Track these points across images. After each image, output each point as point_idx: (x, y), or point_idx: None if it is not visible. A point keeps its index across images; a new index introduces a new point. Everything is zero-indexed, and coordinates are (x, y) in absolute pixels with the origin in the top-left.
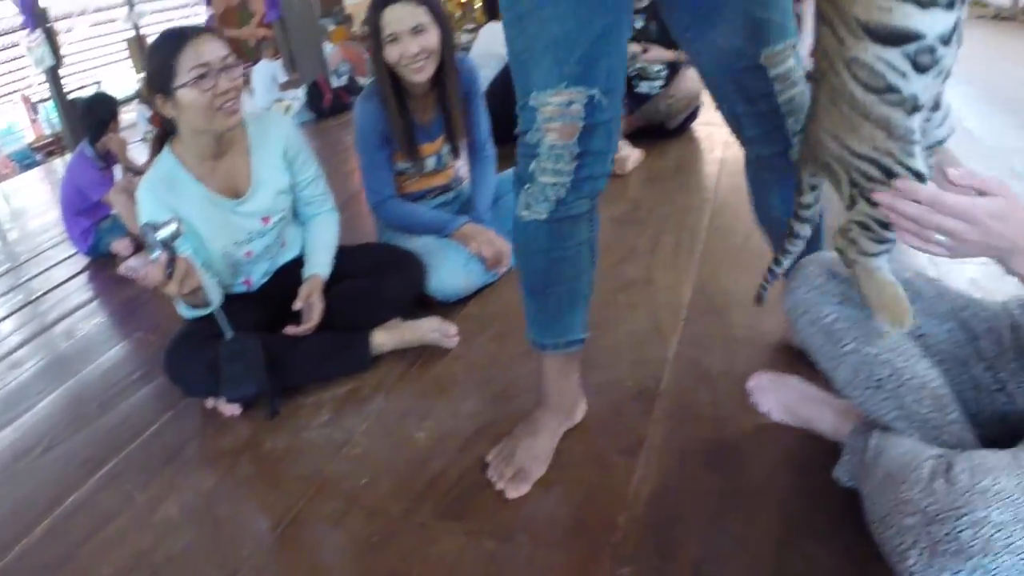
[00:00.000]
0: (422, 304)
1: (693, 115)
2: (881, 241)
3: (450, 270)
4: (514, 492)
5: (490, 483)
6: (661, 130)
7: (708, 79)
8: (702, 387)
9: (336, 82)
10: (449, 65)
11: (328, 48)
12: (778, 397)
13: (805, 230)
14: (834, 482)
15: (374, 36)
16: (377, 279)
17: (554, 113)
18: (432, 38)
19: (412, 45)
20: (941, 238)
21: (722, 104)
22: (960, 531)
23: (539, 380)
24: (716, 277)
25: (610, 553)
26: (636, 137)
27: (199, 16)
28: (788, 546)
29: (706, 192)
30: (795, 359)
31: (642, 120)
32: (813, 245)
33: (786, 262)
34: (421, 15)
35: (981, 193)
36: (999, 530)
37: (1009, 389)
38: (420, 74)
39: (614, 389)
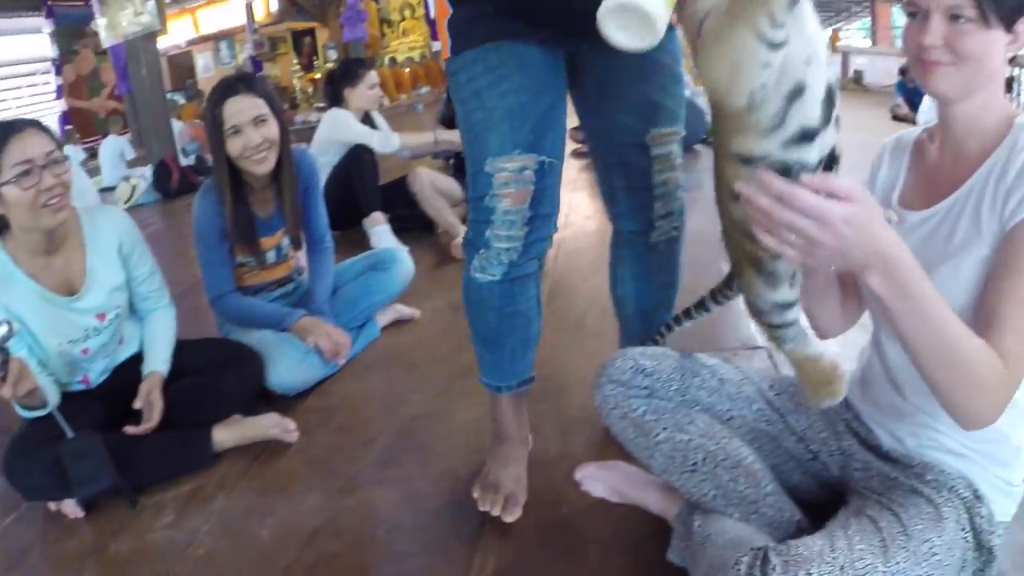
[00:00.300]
0: (263, 398)
1: None
2: (783, 324)
3: (288, 364)
4: (510, 516)
5: None
6: None
7: (595, 152)
8: (538, 471)
9: (184, 160)
10: (287, 157)
11: (177, 125)
12: (606, 482)
13: (715, 308)
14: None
15: (215, 130)
16: (216, 375)
17: (509, 179)
18: (273, 129)
19: (255, 136)
20: (794, 239)
21: (603, 178)
22: None
23: (496, 419)
24: (552, 359)
25: None
26: None
27: (48, 84)
28: None
29: (542, 275)
30: None
31: None
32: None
33: (686, 323)
34: (261, 106)
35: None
36: None
37: (822, 458)
38: (262, 165)
39: (452, 477)
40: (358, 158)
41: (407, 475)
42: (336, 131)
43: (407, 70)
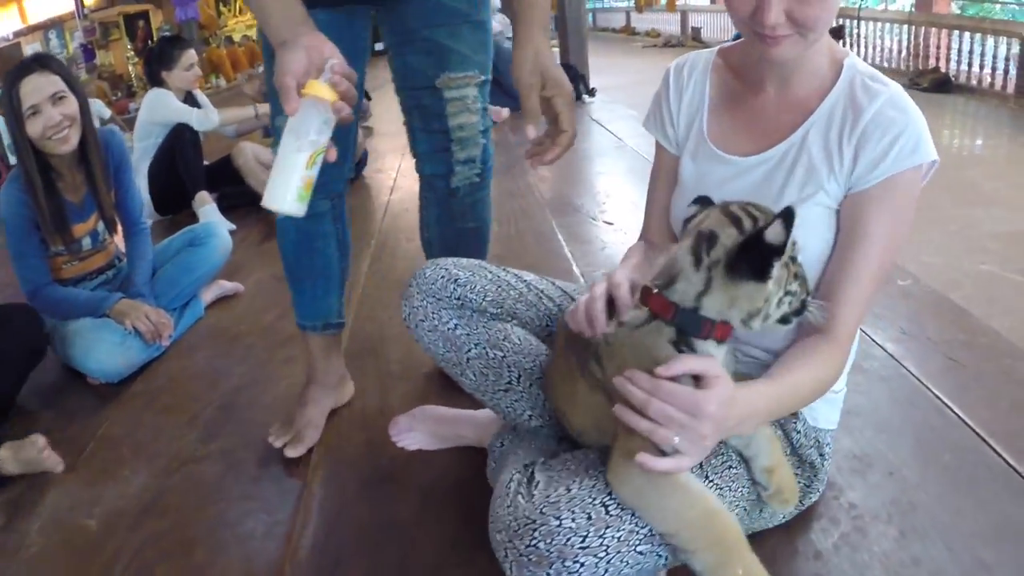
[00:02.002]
0: (91, 390)
1: (362, 163)
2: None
3: (107, 349)
4: (293, 452)
5: (162, 557)
6: None
7: (398, 96)
8: (356, 429)
9: (13, 159)
10: (91, 136)
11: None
12: (421, 430)
13: None
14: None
15: (13, 114)
16: None
17: None
18: (72, 105)
19: (54, 114)
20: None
21: (407, 121)
22: (537, 543)
23: (307, 358)
24: (372, 317)
25: None
26: None
27: None
28: (446, 567)
29: (369, 237)
30: (447, 385)
31: None
32: None
33: None
34: (58, 83)
35: (698, 382)
36: (573, 535)
37: None
38: (65, 144)
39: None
40: (179, 138)
41: (229, 446)
42: (155, 112)
43: (242, 49)
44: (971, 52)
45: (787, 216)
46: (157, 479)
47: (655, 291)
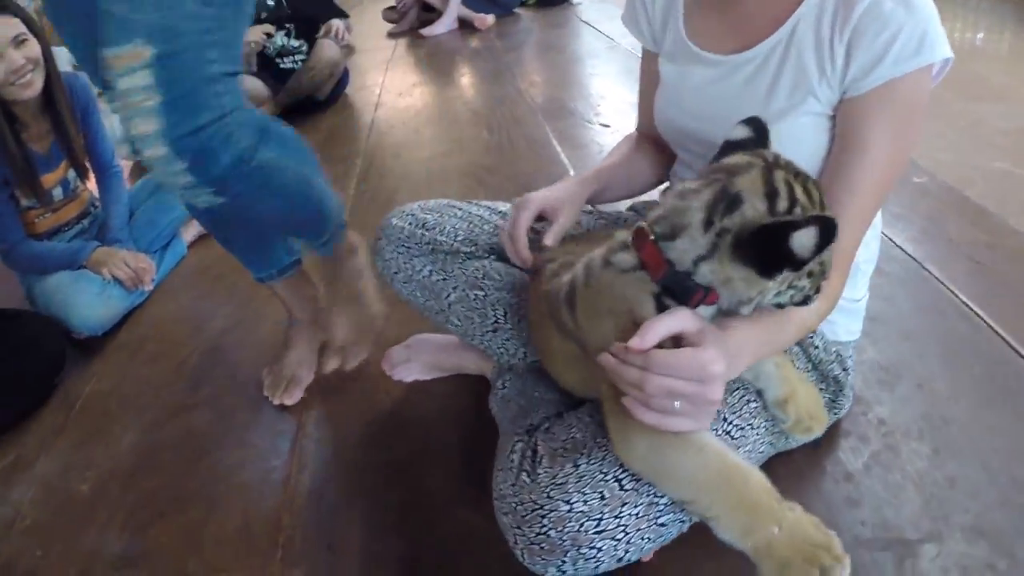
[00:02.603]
0: (76, 344)
1: (344, 82)
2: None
3: (86, 301)
4: (289, 399)
5: (157, 516)
6: (314, 102)
7: None
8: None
9: None
10: (56, 81)
11: None
12: (417, 360)
13: None
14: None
15: None
16: None
17: None
18: (35, 48)
19: (17, 57)
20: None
21: None
22: (547, 530)
23: (282, 303)
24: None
25: (280, 556)
26: (287, 115)
27: None
28: (451, 506)
29: (355, 157)
30: None
31: (288, 97)
32: None
33: None
34: (18, 25)
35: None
36: (587, 519)
37: None
38: (29, 89)
39: (263, 384)
40: None
41: (219, 392)
42: None
43: None
44: None
45: (826, 227)
46: (148, 434)
47: (651, 238)
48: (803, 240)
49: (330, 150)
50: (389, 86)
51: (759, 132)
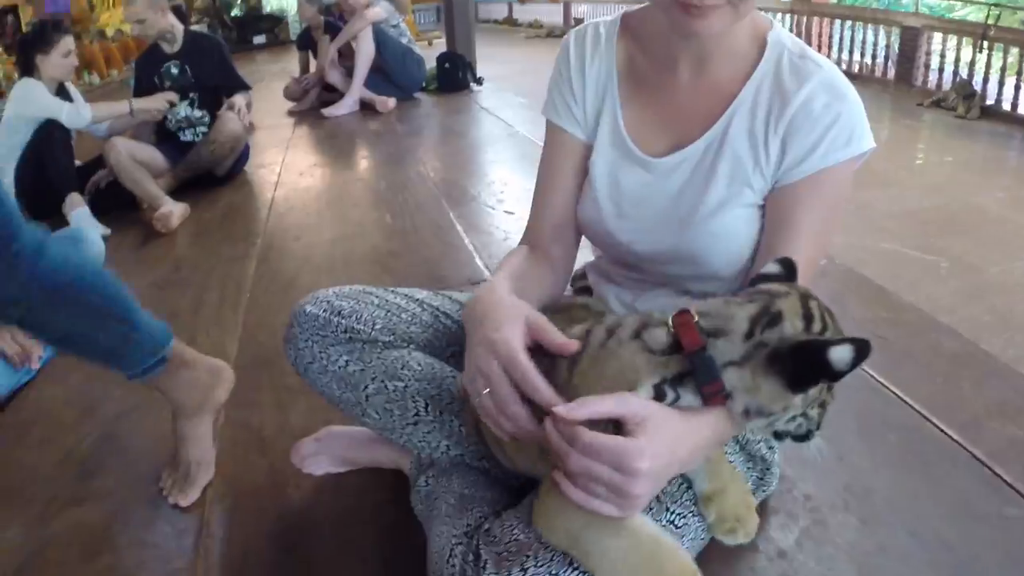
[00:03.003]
0: None
1: (244, 158)
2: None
3: None
4: (184, 500)
5: None
6: (212, 178)
7: None
8: (255, 453)
9: None
10: None
11: None
12: (329, 453)
13: None
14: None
15: None
16: None
17: None
18: None
19: None
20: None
21: None
22: None
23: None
24: (264, 324)
25: None
26: (184, 190)
27: None
28: None
29: (254, 238)
30: None
31: (188, 171)
32: None
33: None
34: None
35: (617, 427)
36: None
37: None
38: None
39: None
40: (49, 135)
41: (113, 484)
42: (24, 105)
43: (116, 44)
44: (852, 40)
45: (861, 348)
46: (33, 530)
47: (696, 321)
48: (841, 355)
49: (228, 228)
50: (289, 165)
51: (789, 269)
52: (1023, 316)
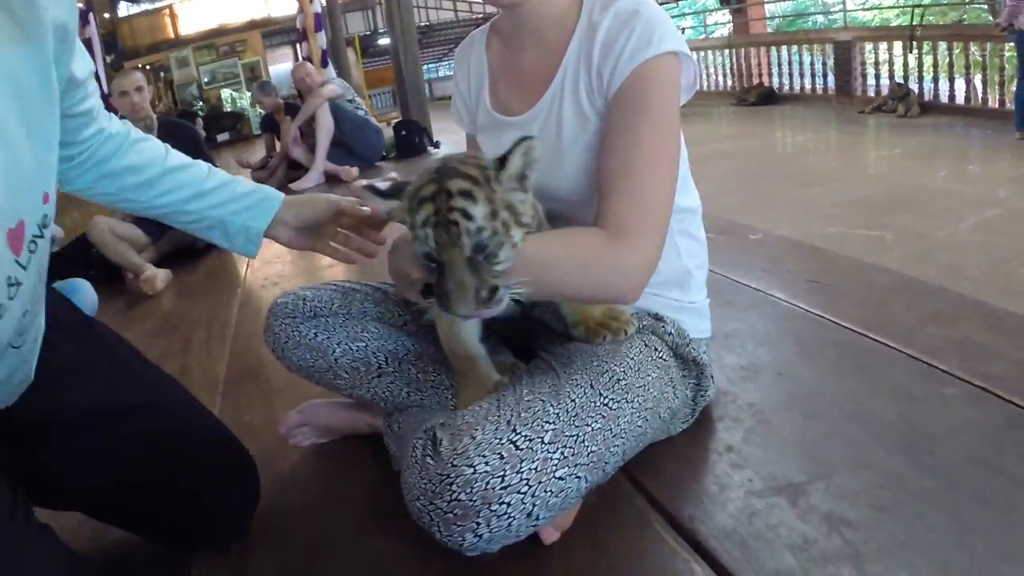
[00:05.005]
0: None
1: None
2: None
3: None
4: None
5: None
6: (192, 250)
7: None
8: (247, 439)
9: None
10: None
11: None
12: (312, 423)
13: None
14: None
15: None
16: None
17: None
18: None
19: None
20: None
21: None
22: (457, 495)
23: None
24: (250, 347)
25: None
26: (167, 260)
27: None
28: (361, 537)
29: (235, 288)
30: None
31: (169, 245)
32: None
33: None
34: None
35: None
36: (491, 477)
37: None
38: None
39: None
40: None
41: None
42: None
43: None
44: (790, 63)
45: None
46: None
47: None
48: None
49: (210, 286)
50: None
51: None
52: (972, 268)
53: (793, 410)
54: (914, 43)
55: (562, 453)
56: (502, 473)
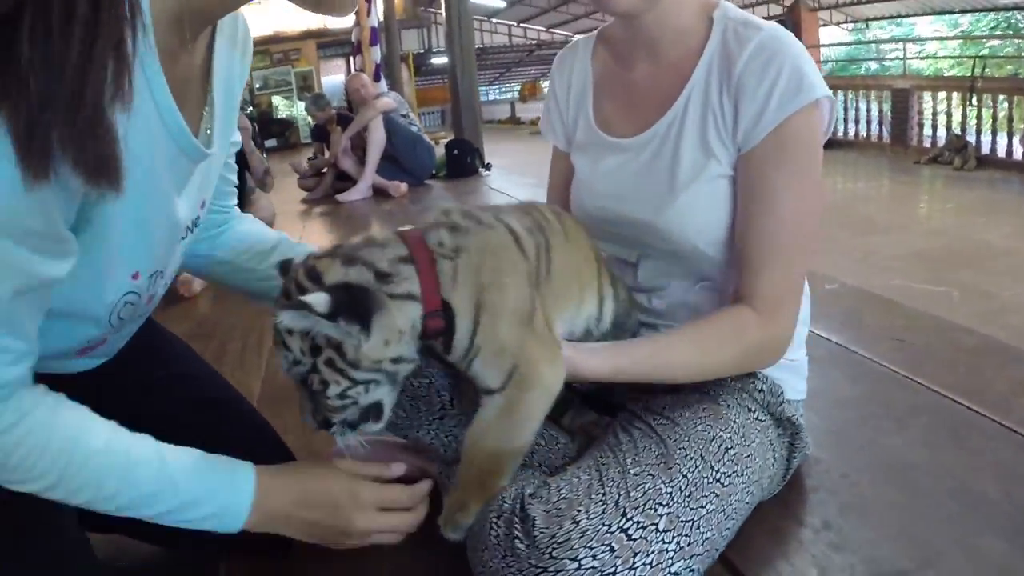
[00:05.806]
0: None
1: None
2: None
3: None
4: None
5: None
6: None
7: None
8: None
9: None
10: None
11: None
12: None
13: None
14: None
15: None
16: None
17: None
18: None
19: None
20: None
21: None
22: None
23: None
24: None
25: None
26: None
27: None
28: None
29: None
30: None
31: None
32: None
33: None
34: None
35: None
36: (598, 574)
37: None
38: None
39: None
40: None
41: None
42: None
43: None
44: (846, 109)
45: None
46: None
47: None
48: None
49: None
50: (308, 240)
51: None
52: None
53: (889, 484)
54: (973, 95)
55: (678, 543)
56: (612, 569)
